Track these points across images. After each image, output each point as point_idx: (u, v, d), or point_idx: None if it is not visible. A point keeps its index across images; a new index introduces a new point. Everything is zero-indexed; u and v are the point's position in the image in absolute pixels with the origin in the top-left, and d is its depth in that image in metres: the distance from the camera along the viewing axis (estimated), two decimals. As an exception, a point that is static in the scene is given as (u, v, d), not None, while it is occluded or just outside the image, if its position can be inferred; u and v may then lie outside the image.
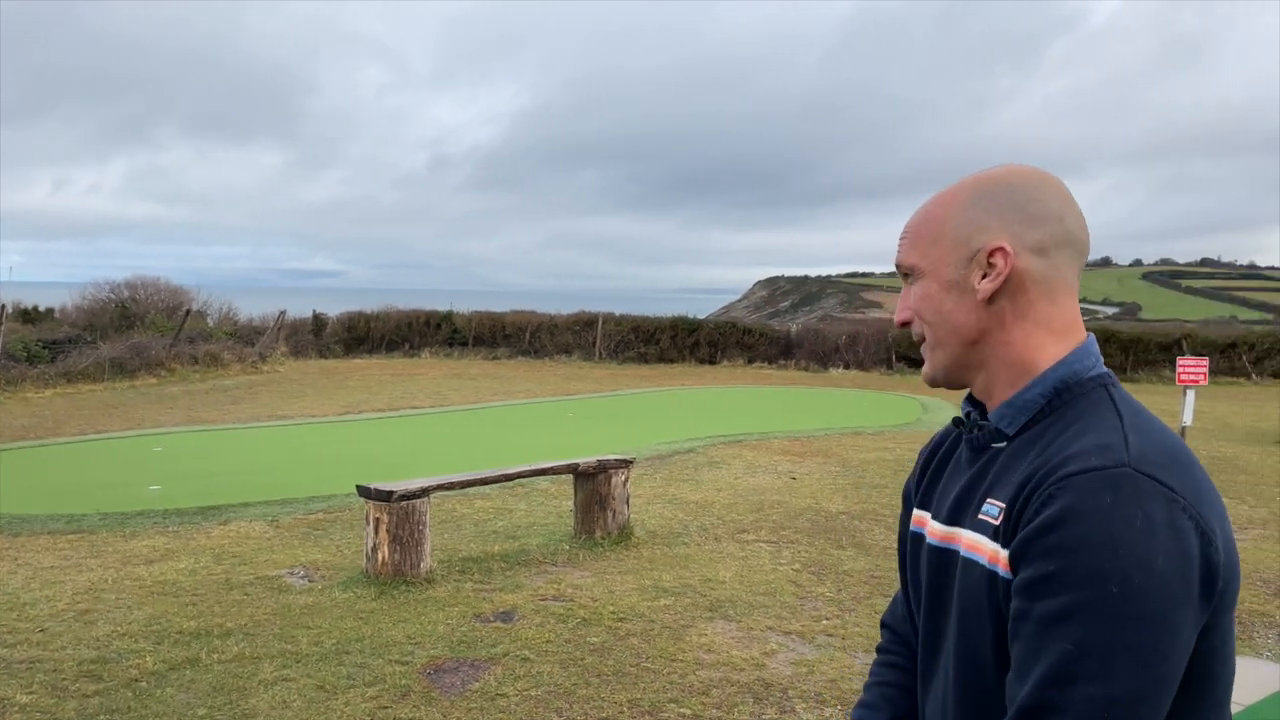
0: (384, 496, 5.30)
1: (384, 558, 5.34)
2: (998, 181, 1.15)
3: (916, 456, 1.39)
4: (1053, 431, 1.09)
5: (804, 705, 3.84)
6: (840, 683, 4.06)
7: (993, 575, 1.06)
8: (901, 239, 1.20)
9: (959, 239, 1.13)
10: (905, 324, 1.20)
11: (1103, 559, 0.95)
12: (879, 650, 1.41)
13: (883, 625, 1.43)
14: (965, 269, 1.13)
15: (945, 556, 1.16)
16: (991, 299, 1.12)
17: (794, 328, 26.88)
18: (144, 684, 3.94)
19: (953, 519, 1.17)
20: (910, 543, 1.28)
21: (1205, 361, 10.69)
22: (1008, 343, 1.13)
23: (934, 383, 1.20)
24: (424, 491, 5.45)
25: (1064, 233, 1.12)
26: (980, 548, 1.09)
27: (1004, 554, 1.05)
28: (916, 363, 22.75)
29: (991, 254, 1.11)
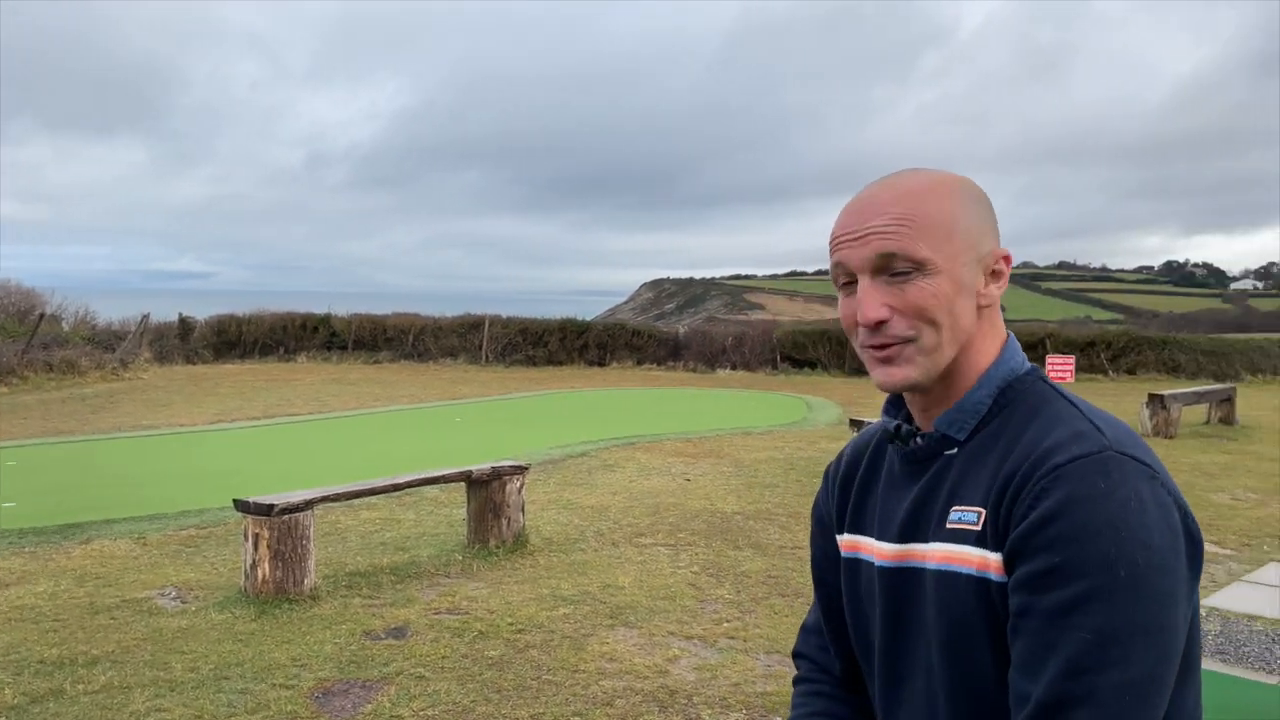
0: (264, 510, 5.02)
1: (264, 575, 5.05)
2: (974, 187, 1.14)
3: (823, 478, 1.32)
4: (1012, 429, 1.07)
5: (709, 711, 3.80)
6: (744, 686, 4.04)
7: (984, 582, 1.02)
8: (892, 226, 1.06)
9: (970, 240, 1.09)
10: (880, 322, 1.06)
11: (1107, 544, 0.94)
12: (799, 681, 1.34)
13: (797, 656, 1.36)
14: (974, 271, 1.09)
15: (905, 576, 1.11)
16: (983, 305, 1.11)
17: (681, 329, 27.14)
18: (3, 719, 3.61)
19: (908, 536, 1.11)
20: (846, 571, 1.21)
21: (1072, 359, 11.25)
22: (977, 349, 1.11)
23: (909, 388, 1.10)
24: (307, 504, 5.19)
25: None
26: (962, 558, 1.04)
27: (994, 558, 1.02)
28: (800, 362, 23.31)
29: (999, 260, 1.11)
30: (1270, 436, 12.64)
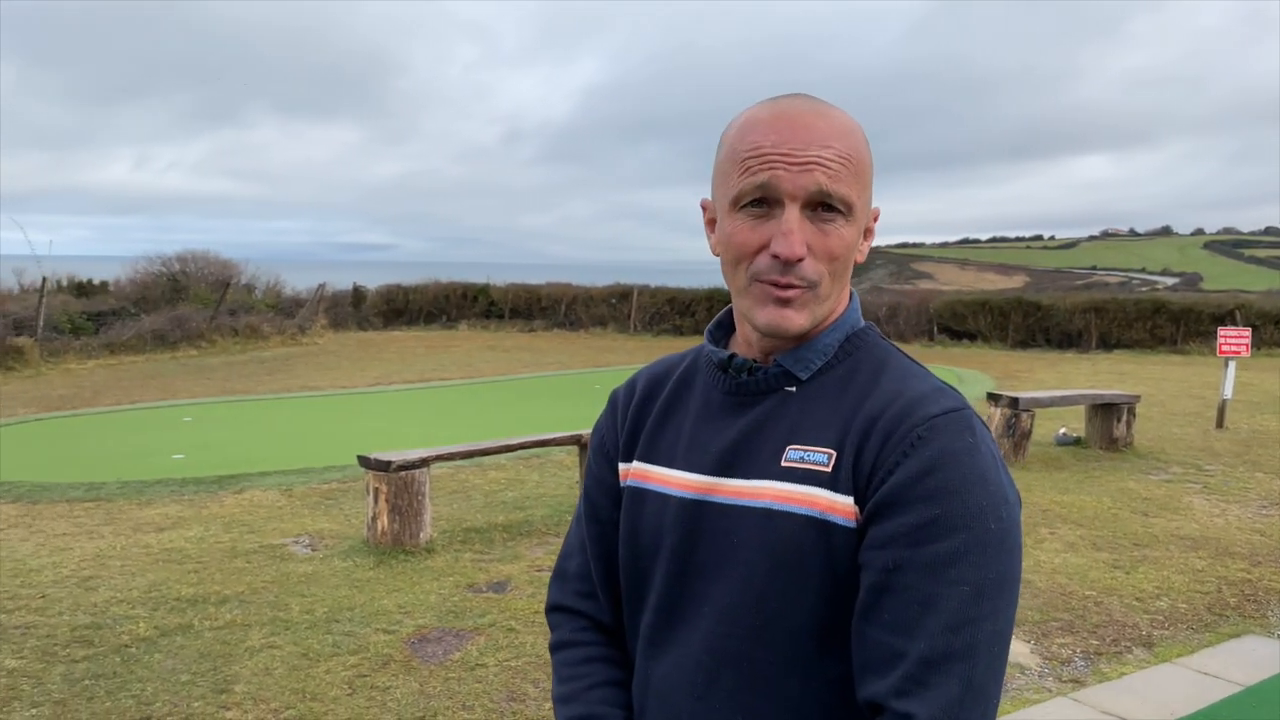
0: (383, 466, 5.32)
1: (383, 527, 5.36)
2: (864, 134, 1.07)
3: (609, 404, 1.23)
4: (862, 376, 1.04)
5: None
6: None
7: (825, 525, 0.98)
8: (836, 162, 0.99)
9: (870, 192, 1.06)
10: (800, 260, 1.00)
11: (979, 497, 0.94)
12: (565, 646, 1.20)
13: (555, 611, 1.24)
14: (865, 224, 1.06)
15: (710, 510, 1.05)
16: None
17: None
18: (133, 650, 4.00)
19: (724, 470, 1.05)
20: (629, 501, 1.14)
21: (1247, 332, 10.27)
22: (842, 298, 1.09)
23: (799, 335, 1.04)
24: (423, 462, 5.45)
25: None
26: (803, 498, 0.99)
27: (843, 501, 0.98)
28: (958, 334, 22.45)
29: (876, 217, 1.10)
30: None
